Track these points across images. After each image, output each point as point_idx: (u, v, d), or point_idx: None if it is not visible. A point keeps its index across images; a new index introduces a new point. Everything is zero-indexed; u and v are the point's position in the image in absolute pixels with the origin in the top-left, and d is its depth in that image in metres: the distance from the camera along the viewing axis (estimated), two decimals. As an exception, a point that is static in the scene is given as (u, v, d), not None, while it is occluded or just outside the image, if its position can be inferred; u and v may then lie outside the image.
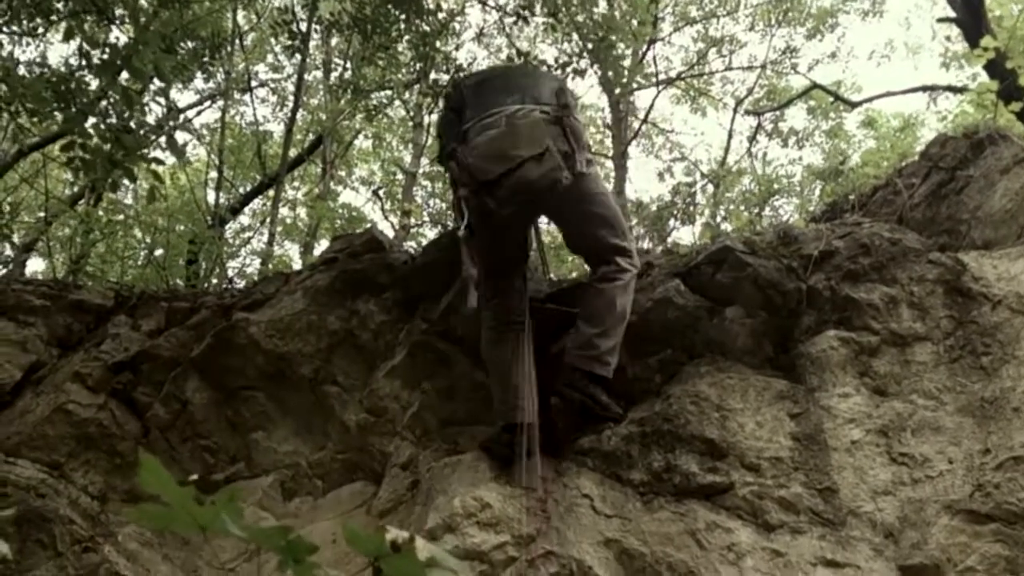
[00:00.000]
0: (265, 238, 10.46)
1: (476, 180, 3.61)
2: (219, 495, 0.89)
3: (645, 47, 12.57)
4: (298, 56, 9.10)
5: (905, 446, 3.71)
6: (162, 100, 7.12)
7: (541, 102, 3.84)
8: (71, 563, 3.38)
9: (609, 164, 12.23)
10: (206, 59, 7.67)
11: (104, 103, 5.42)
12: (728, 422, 3.89)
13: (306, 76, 10.46)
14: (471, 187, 3.63)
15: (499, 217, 3.61)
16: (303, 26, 8.59)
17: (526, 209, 3.77)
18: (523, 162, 3.54)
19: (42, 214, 8.66)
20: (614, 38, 7.74)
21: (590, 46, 7.77)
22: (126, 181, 5.87)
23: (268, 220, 10.37)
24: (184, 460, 4.44)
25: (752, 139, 14.02)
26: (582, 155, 3.73)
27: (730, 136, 13.70)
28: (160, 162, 5.50)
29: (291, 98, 10.41)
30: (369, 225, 7.42)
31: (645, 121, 13.66)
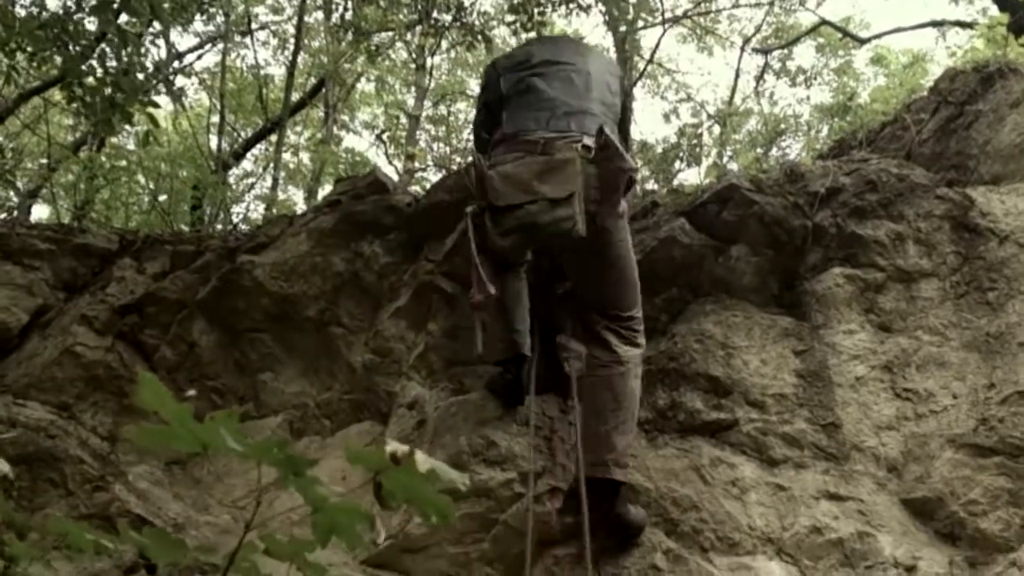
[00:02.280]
0: (268, 183, 10.43)
1: (486, 199, 3.28)
2: (219, 414, 0.90)
3: (651, -16, 12.35)
4: (298, -4, 8.98)
5: (910, 381, 3.72)
6: (161, 43, 7.05)
7: (587, 131, 3.38)
8: (82, 501, 3.43)
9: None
10: (205, 1, 7.56)
11: (103, 45, 5.36)
12: (733, 360, 3.90)
13: (306, 17, 10.32)
14: (479, 203, 3.32)
15: (496, 245, 3.28)
16: (303, -35, 8.45)
17: (526, 247, 3.41)
18: (540, 200, 3.18)
19: (45, 160, 8.62)
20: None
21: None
22: (127, 126, 5.85)
23: (271, 165, 10.33)
24: (192, 401, 4.47)
25: (759, 78, 13.85)
26: (610, 207, 3.35)
27: (737, 75, 13.52)
28: (156, 105, 5.45)
29: (292, 40, 10.29)
30: (372, 168, 7.38)
31: (651, 61, 13.48)
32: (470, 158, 3.45)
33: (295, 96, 10.44)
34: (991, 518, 3.31)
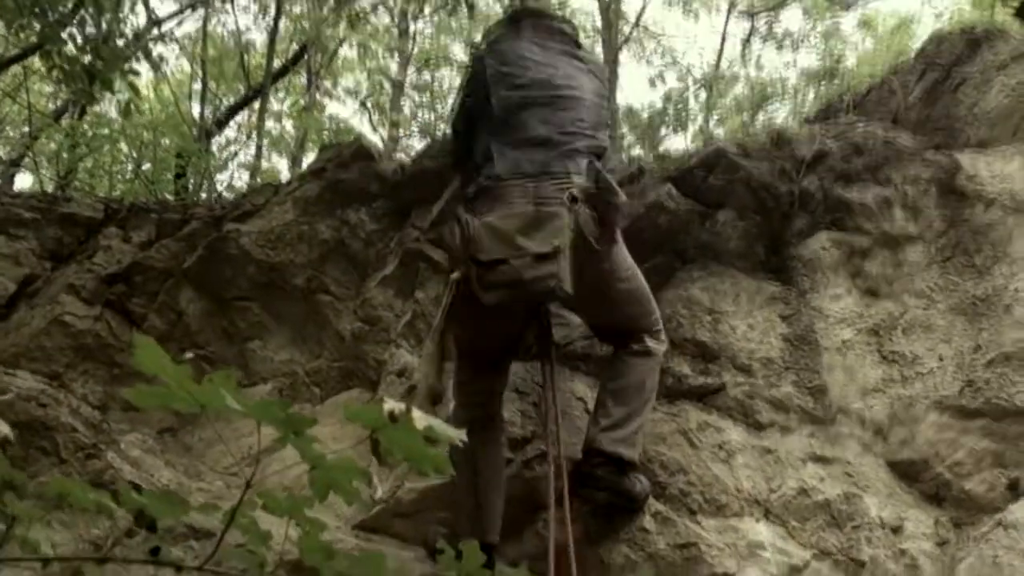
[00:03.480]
0: (252, 151, 10.32)
1: (468, 253, 3.09)
2: (216, 374, 0.90)
3: (637, -52, 12.23)
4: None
5: (896, 345, 3.75)
6: (140, 9, 6.95)
7: (580, 171, 3.26)
8: (75, 469, 3.43)
9: (600, 72, 12.00)
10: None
11: (81, 12, 5.29)
12: (720, 325, 3.92)
13: (289, -17, 10.19)
14: (460, 258, 3.13)
15: (482, 299, 3.06)
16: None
17: (512, 303, 3.15)
18: (524, 256, 3.02)
19: (26, 129, 8.52)
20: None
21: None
22: (108, 94, 5.78)
23: (254, 133, 10.23)
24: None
25: (746, 42, 13.77)
26: (609, 242, 3.27)
27: (723, 40, 13.43)
28: (136, 73, 5.39)
29: (273, 5, 10.16)
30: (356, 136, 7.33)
31: (636, 25, 13.39)
32: (458, 216, 3.22)
33: (277, 63, 10.32)
34: (976, 479, 3.37)
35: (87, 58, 4.90)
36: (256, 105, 10.15)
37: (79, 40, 4.96)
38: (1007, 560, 3.02)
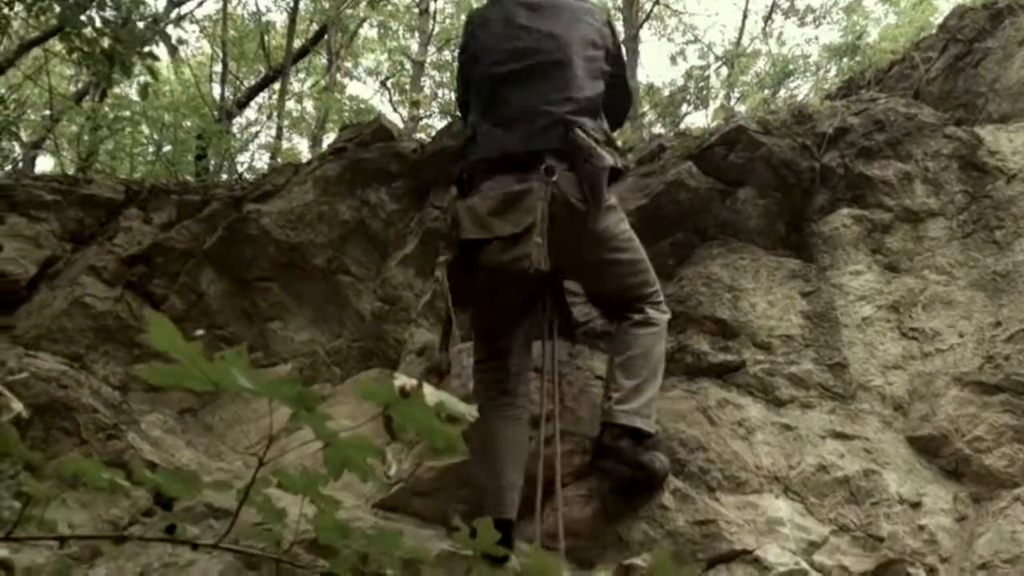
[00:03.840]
0: (273, 132, 10.38)
1: (454, 236, 3.14)
2: (228, 352, 0.91)
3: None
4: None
5: (916, 321, 3.72)
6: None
7: (563, 140, 3.17)
8: (96, 449, 3.48)
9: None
10: (204, -53, 7.45)
11: (101, -6, 5.30)
12: (740, 302, 3.91)
13: (307, -37, 10.18)
14: (452, 237, 3.16)
15: (479, 279, 3.09)
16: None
17: (497, 286, 3.14)
18: (496, 239, 3.01)
19: (48, 111, 8.59)
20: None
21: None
22: (129, 76, 5.81)
23: (275, 113, 10.27)
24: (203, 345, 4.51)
25: (767, 18, 13.64)
26: (597, 207, 3.15)
27: (745, 16, 13.34)
28: (155, 57, 5.41)
29: (293, -14, 10.16)
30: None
31: (657, 2, 13.29)
32: (452, 190, 3.25)
33: (297, 43, 10.35)
34: (996, 455, 3.34)
35: (106, 41, 4.93)
36: (276, 86, 10.19)
37: (98, 23, 4.98)
38: (1027, 536, 3.00)
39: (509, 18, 3.46)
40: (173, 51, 5.90)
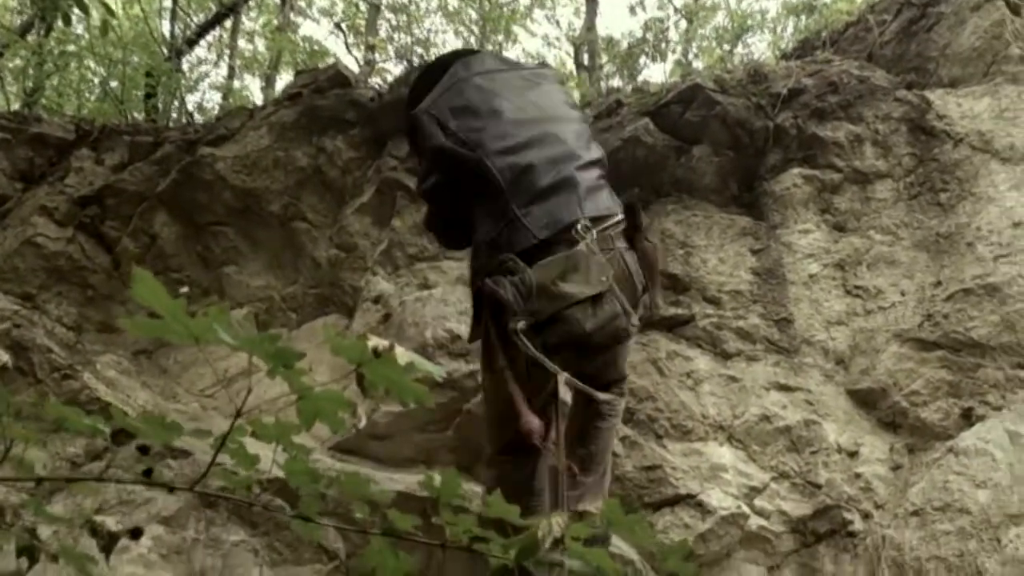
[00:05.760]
0: (224, 71, 10.16)
1: (528, 312, 2.44)
2: (210, 308, 0.95)
3: None
4: None
5: (860, 279, 3.85)
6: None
7: (608, 208, 2.65)
8: (51, 389, 3.47)
9: (579, -2, 11.84)
10: None
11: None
12: (692, 258, 4.00)
13: None
14: (519, 316, 2.44)
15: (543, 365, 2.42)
16: None
17: (578, 361, 2.53)
18: (573, 304, 2.45)
19: (-9, 44, 8.31)
20: None
21: None
22: (77, 11, 5.65)
23: (226, 53, 10.05)
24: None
25: (726, -28, 13.61)
26: (655, 286, 2.71)
27: (704, -31, 13.28)
28: (110, -9, 5.28)
29: (247, -79, 9.89)
30: (332, 60, 7.23)
31: (617, -48, 13.18)
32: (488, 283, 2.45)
33: (251, -20, 10.10)
34: (931, 408, 3.50)
35: (55, -26, 4.78)
36: (228, 24, 9.95)
37: (47, -46, 4.83)
38: (956, 485, 3.16)
39: (502, 110, 2.88)
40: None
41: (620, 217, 2.64)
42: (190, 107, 8.70)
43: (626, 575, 3.25)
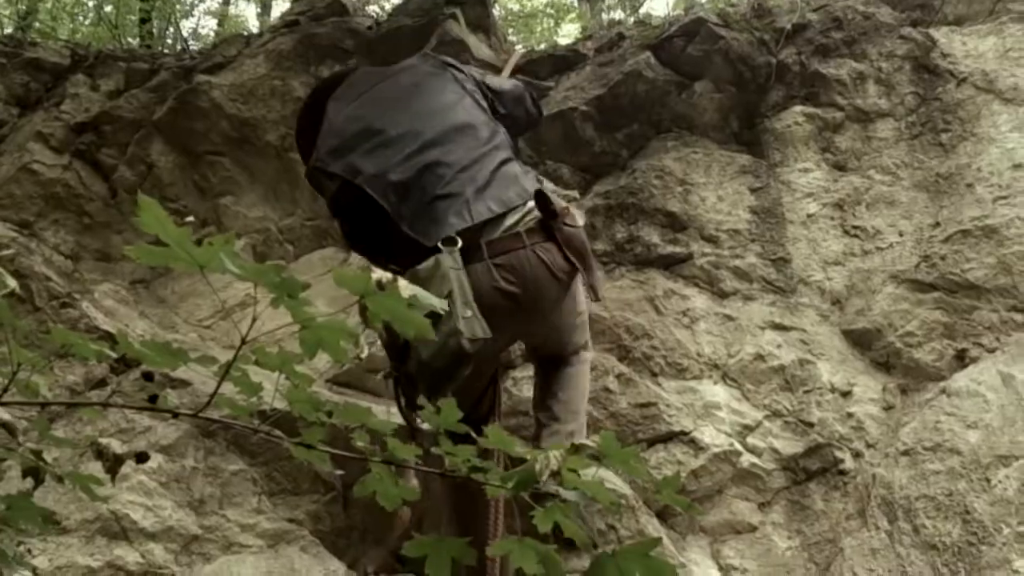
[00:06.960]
0: (220, -2, 9.97)
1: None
2: (216, 238, 0.95)
3: None
4: None
5: (859, 219, 3.85)
6: None
7: (518, 197, 2.56)
8: (50, 317, 3.48)
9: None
10: None
11: None
12: (691, 196, 3.99)
13: None
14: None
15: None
16: None
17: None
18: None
19: (-19, -35, 8.14)
20: None
21: None
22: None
23: (223, -22, 9.85)
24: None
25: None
26: (590, 269, 2.68)
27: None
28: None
29: None
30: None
31: None
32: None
33: (246, -97, 9.87)
34: (925, 349, 3.53)
35: None
36: (223, -52, 9.75)
37: None
38: (947, 425, 3.20)
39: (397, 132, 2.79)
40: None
41: (530, 206, 2.52)
42: (185, 33, 8.57)
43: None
